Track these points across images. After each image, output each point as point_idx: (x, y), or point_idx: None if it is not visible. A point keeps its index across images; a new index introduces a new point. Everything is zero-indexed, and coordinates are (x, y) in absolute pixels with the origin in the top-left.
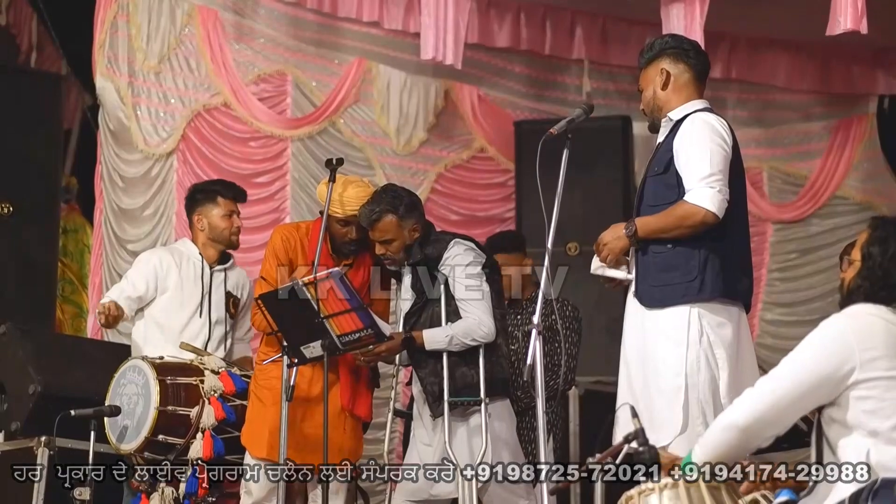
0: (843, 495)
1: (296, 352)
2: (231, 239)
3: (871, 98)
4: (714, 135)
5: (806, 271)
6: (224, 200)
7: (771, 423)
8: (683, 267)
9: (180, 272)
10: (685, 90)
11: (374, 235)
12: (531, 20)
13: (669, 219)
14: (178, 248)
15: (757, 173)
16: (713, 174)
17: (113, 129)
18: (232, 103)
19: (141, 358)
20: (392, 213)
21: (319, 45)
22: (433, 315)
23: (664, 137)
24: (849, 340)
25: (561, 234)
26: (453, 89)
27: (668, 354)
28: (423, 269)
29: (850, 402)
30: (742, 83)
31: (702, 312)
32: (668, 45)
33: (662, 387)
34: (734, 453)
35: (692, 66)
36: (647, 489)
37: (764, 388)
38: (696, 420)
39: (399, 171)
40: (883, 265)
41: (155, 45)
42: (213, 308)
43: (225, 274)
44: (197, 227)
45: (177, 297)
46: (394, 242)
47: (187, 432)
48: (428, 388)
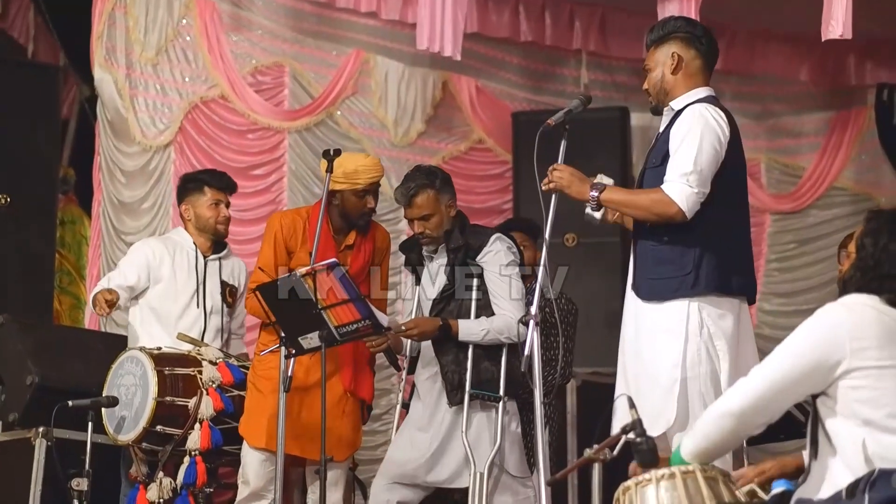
0: (840, 485)
1: (293, 342)
2: (217, 228)
3: (870, 90)
4: (708, 131)
5: (804, 261)
6: (211, 190)
7: (763, 410)
8: (678, 261)
9: (173, 262)
10: (694, 77)
11: (411, 213)
12: (530, 11)
13: (639, 198)
14: (172, 237)
15: (755, 164)
16: (695, 172)
17: (111, 121)
18: (229, 95)
19: (139, 349)
20: (429, 187)
21: (317, 37)
22: (462, 305)
23: (664, 128)
24: (839, 330)
25: (558, 226)
26: (451, 81)
27: (666, 347)
28: (461, 257)
29: (843, 391)
30: (740, 75)
31: (701, 305)
32: (681, 28)
33: (659, 379)
34: (727, 441)
35: (703, 54)
36: (644, 480)
37: (756, 375)
38: (697, 413)
39: (397, 162)
40: (874, 255)
41: (152, 37)
42: (208, 297)
43: (219, 263)
44: (185, 216)
45: (171, 287)
46: (432, 218)
47: (185, 423)
48: (448, 375)
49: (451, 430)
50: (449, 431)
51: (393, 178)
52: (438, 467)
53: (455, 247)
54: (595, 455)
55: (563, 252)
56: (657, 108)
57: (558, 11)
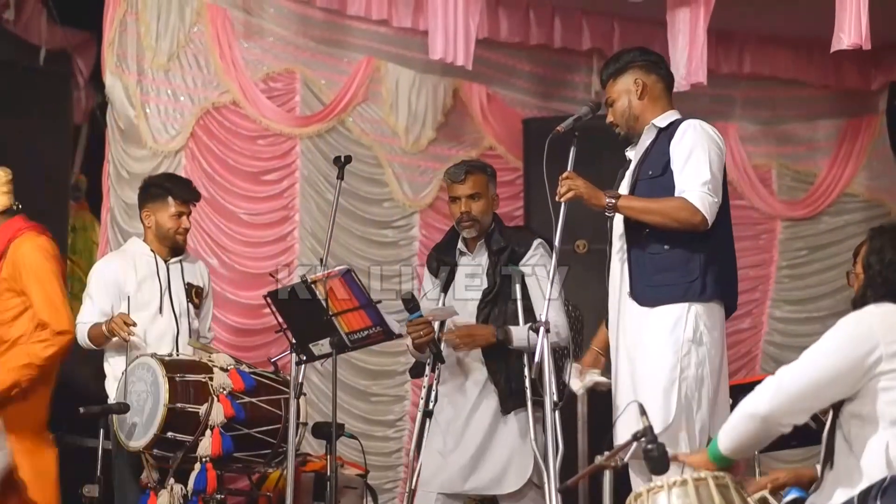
0: (853, 493)
1: (304, 349)
2: (176, 239)
3: (881, 96)
4: (712, 144)
5: (815, 268)
6: (175, 201)
7: (792, 413)
8: (683, 268)
9: (136, 273)
10: (660, 100)
11: (462, 189)
12: (540, 18)
13: (662, 205)
14: (128, 248)
15: (766, 171)
16: (712, 181)
17: (122, 127)
18: (241, 101)
19: (150, 355)
20: (483, 172)
21: (328, 44)
22: (508, 311)
23: (650, 143)
24: (874, 331)
25: (569, 232)
26: (462, 88)
27: (664, 349)
28: (505, 259)
29: (873, 393)
30: (751, 81)
31: (699, 312)
32: (638, 58)
33: (659, 379)
34: (754, 442)
35: (663, 77)
36: (656, 486)
37: (786, 377)
38: (679, 416)
39: (408, 169)
40: (882, 273)
41: (164, 43)
42: (175, 301)
43: (181, 265)
44: (145, 223)
45: (137, 299)
46: (481, 199)
47: (196, 429)
48: (501, 383)
49: (490, 436)
50: (487, 438)
51: (405, 184)
52: (478, 473)
53: (498, 249)
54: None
55: (573, 259)
56: (628, 137)
57: (569, 19)
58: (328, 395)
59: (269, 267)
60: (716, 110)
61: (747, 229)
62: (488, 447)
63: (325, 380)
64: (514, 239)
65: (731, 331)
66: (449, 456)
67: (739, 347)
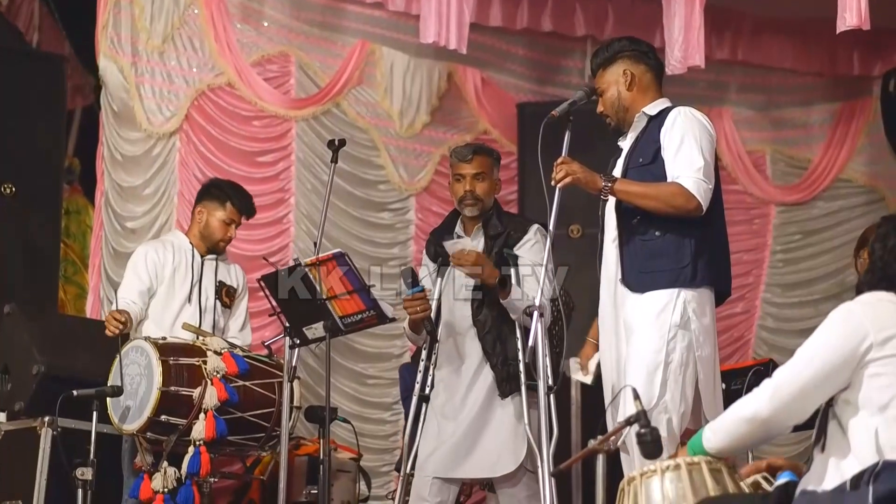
0: (845, 476)
1: (298, 333)
2: (219, 244)
3: (875, 81)
4: (703, 131)
5: (808, 253)
6: (232, 208)
7: (794, 413)
8: (674, 255)
9: (174, 262)
10: (649, 90)
11: (469, 168)
12: (534, 3)
13: (658, 190)
14: (169, 239)
15: (760, 156)
16: (705, 167)
17: (116, 110)
18: (236, 83)
19: (144, 338)
20: (490, 155)
21: (323, 27)
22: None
23: (640, 131)
24: (864, 321)
25: (563, 217)
26: (456, 72)
27: (651, 333)
28: (500, 244)
29: (863, 380)
30: (745, 66)
31: (688, 298)
32: (627, 47)
33: (643, 362)
34: (750, 444)
35: (652, 67)
36: (648, 471)
37: (784, 378)
38: (662, 399)
39: (403, 152)
40: (883, 258)
41: (158, 25)
42: (203, 295)
43: (216, 263)
44: (196, 217)
45: (170, 286)
46: (485, 180)
47: (190, 413)
48: (498, 367)
49: (485, 420)
50: (482, 422)
51: (400, 167)
52: (473, 457)
53: (495, 233)
54: (599, 446)
55: (567, 243)
56: (618, 129)
57: (563, 3)
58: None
59: (263, 249)
60: (710, 95)
61: (741, 214)
62: (483, 431)
63: (322, 362)
64: (512, 225)
65: (724, 315)
66: (444, 440)
67: (732, 332)
